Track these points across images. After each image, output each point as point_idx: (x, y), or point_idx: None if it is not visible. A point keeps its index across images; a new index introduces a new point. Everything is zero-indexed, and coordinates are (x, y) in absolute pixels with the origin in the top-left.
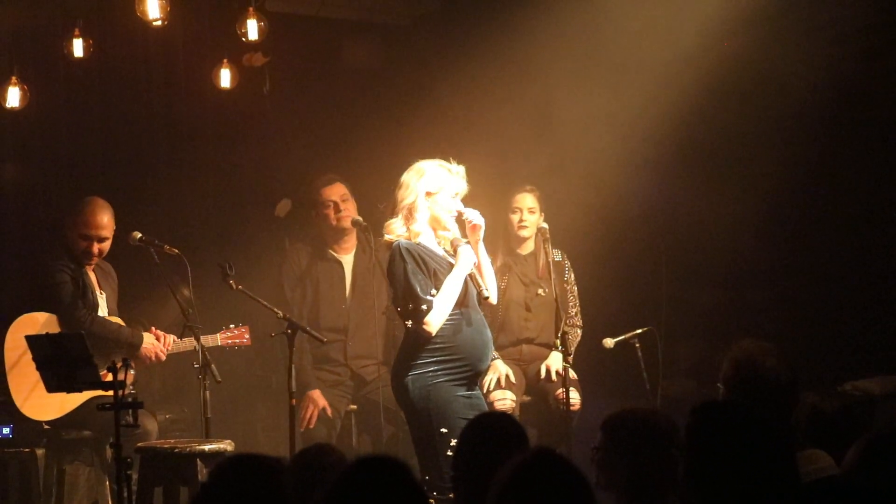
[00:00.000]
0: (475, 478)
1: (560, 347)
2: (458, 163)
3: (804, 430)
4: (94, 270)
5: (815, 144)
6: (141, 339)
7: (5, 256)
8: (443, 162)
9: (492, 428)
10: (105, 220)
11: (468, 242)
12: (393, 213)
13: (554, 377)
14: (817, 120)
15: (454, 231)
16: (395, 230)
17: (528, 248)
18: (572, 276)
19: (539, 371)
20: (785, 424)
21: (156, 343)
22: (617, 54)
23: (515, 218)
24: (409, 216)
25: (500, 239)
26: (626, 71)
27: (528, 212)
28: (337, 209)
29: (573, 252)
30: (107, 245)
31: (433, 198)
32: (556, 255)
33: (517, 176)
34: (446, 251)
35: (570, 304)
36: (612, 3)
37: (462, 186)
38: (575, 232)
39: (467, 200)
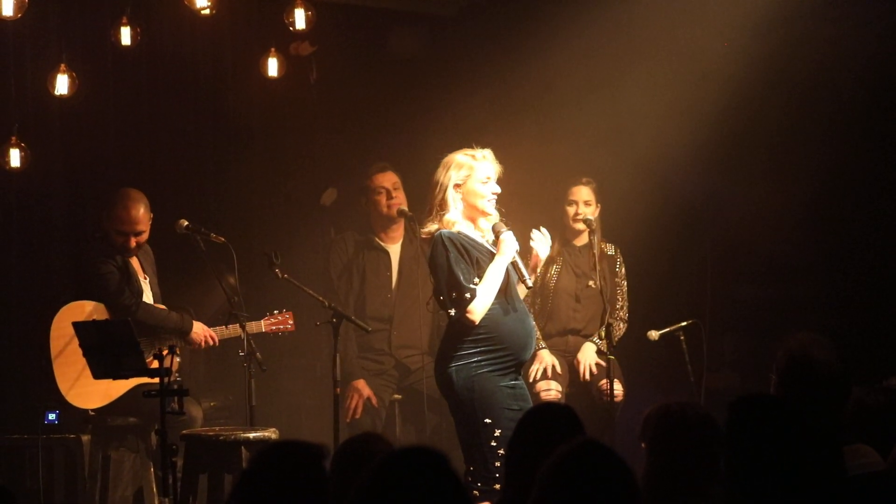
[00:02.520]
0: (528, 469)
1: (601, 339)
2: (503, 153)
3: (849, 425)
4: (136, 256)
5: (863, 139)
6: (191, 325)
7: (53, 244)
8: (466, 150)
9: (549, 419)
10: (139, 214)
11: (510, 229)
12: (429, 213)
13: (586, 374)
14: (865, 114)
15: (494, 216)
16: (430, 227)
17: (583, 239)
18: (623, 270)
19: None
20: (836, 418)
21: (206, 328)
22: (664, 46)
23: (571, 210)
24: (441, 209)
25: (555, 229)
26: (673, 63)
27: (584, 204)
28: (388, 196)
29: (620, 243)
30: (144, 236)
31: (464, 188)
32: (610, 249)
33: (562, 166)
34: (489, 242)
35: (618, 297)
36: None
37: (491, 169)
38: (621, 223)
39: (506, 183)
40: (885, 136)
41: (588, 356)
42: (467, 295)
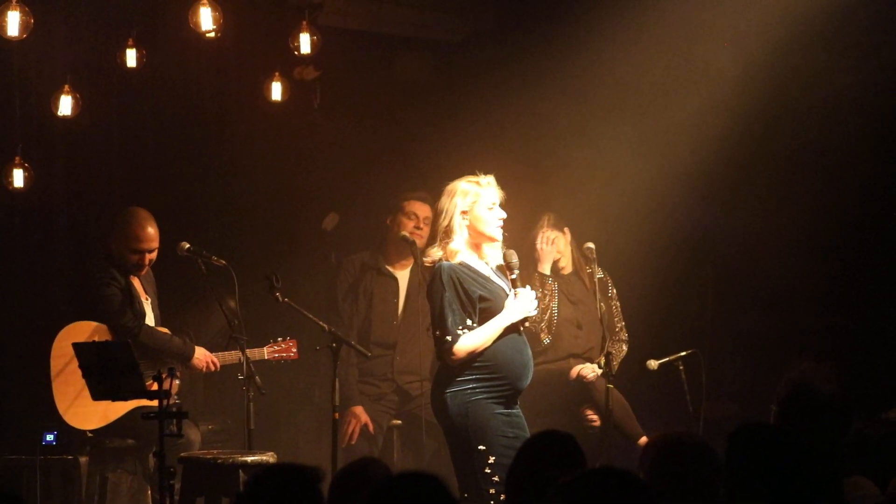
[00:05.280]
0: (529, 496)
1: (600, 367)
2: (504, 179)
3: (849, 457)
4: (137, 278)
5: (865, 169)
6: (192, 350)
7: (55, 265)
8: (470, 177)
9: (550, 447)
10: (153, 232)
11: (519, 284)
12: (433, 240)
13: (576, 373)
14: (867, 144)
15: (500, 241)
16: (434, 255)
17: (567, 267)
18: (615, 291)
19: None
20: (837, 449)
21: (208, 353)
22: (666, 75)
23: (553, 252)
24: (446, 237)
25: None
26: (675, 92)
27: (564, 243)
28: (417, 225)
29: (620, 272)
30: (155, 254)
31: (470, 215)
32: (599, 272)
33: (563, 194)
34: (493, 269)
35: (616, 319)
36: (661, 26)
37: (495, 195)
38: (622, 252)
39: (511, 207)
40: (885, 166)
41: (587, 368)
42: (449, 338)
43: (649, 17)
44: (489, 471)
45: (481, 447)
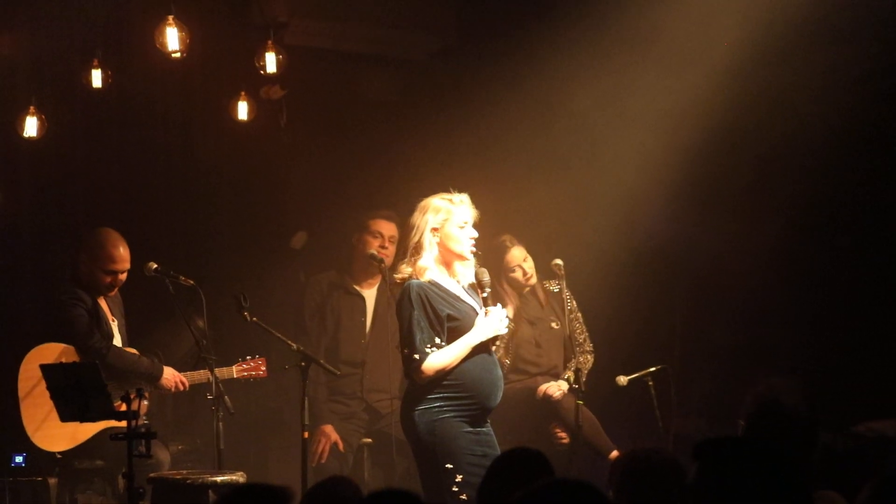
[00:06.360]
0: None
1: (569, 384)
2: (470, 194)
3: (818, 471)
4: (104, 299)
5: (834, 183)
6: (161, 371)
7: (22, 286)
8: (444, 194)
9: (520, 464)
10: (126, 253)
11: (490, 303)
12: (403, 256)
13: (544, 392)
14: (836, 158)
15: (472, 260)
16: (404, 271)
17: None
18: (574, 303)
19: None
20: (806, 463)
21: (176, 373)
22: (635, 92)
23: (520, 276)
24: (416, 253)
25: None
26: (642, 107)
27: (524, 262)
28: (382, 245)
29: (587, 287)
30: (126, 275)
31: (441, 232)
32: (555, 286)
33: (531, 210)
34: (464, 287)
35: (578, 331)
36: (627, 37)
37: (468, 214)
38: (589, 267)
39: (483, 228)
40: (857, 182)
41: (553, 386)
42: (417, 356)
43: (614, 25)
44: (456, 489)
45: (448, 465)
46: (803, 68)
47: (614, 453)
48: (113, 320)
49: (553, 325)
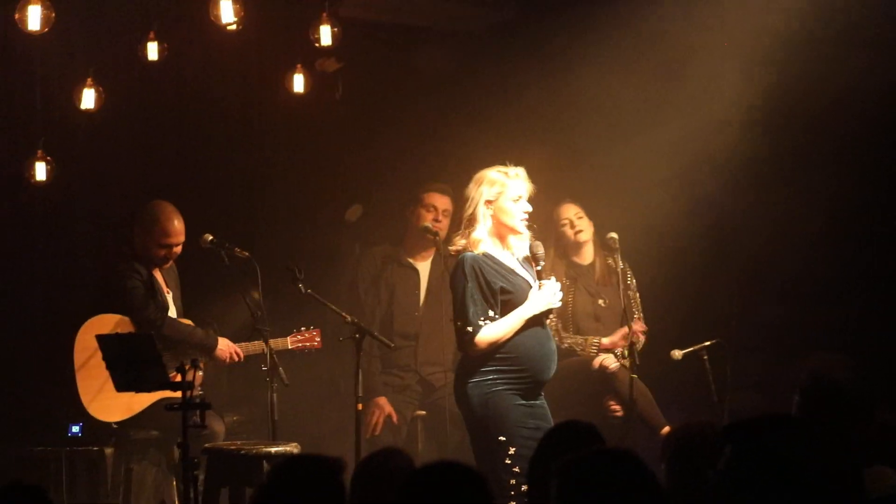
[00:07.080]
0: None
1: (624, 357)
2: (528, 168)
3: (871, 446)
4: (159, 271)
5: (886, 159)
6: (216, 341)
7: (78, 258)
8: (500, 167)
9: (572, 436)
10: (180, 226)
11: (544, 276)
12: (458, 228)
13: (598, 363)
14: (887, 135)
15: (526, 234)
16: (458, 243)
17: (587, 257)
18: (634, 282)
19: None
20: (858, 439)
21: (231, 344)
22: (690, 67)
23: (569, 230)
24: (470, 225)
25: (556, 254)
26: (698, 82)
27: (577, 218)
28: (436, 217)
29: (643, 263)
30: (181, 248)
31: (495, 205)
32: (620, 263)
33: (587, 183)
34: (519, 260)
35: (635, 310)
36: (679, 17)
37: (523, 188)
38: (646, 242)
39: (538, 202)
40: None
41: (610, 358)
42: (470, 329)
43: (678, 4)
44: (509, 462)
45: (501, 438)
46: (846, 44)
47: (666, 429)
48: (168, 292)
49: (601, 302)
